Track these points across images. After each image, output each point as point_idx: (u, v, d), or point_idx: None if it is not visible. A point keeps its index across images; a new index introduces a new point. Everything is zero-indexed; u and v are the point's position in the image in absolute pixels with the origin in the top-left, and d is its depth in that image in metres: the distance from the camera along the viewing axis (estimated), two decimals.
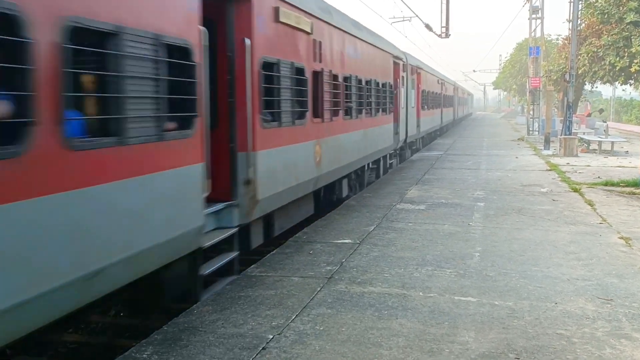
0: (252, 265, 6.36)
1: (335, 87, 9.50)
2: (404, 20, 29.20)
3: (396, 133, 16.23)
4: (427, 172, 14.96)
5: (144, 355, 4.11)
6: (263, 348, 4.19)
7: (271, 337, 4.39)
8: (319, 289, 5.52)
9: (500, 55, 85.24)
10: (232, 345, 4.25)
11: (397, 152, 17.90)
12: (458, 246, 7.13)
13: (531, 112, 32.65)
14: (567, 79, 21.05)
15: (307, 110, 8.04)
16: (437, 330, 4.50)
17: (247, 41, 6.20)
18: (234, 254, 6.09)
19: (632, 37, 25.10)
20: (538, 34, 32.83)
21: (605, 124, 26.79)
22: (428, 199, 10.70)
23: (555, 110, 31.78)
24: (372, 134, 12.48)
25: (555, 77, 31.24)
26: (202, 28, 5.30)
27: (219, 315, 4.85)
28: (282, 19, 7.03)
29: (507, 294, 5.34)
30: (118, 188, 4.10)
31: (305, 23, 7.83)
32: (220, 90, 6.21)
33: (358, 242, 7.36)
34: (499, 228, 8.16)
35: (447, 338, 4.36)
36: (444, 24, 23.94)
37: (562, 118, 22.81)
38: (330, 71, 9.18)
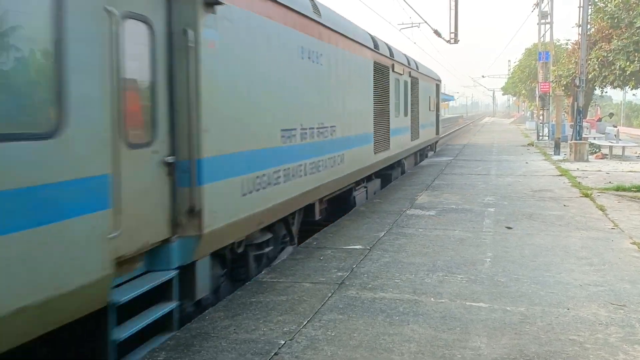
0: (263, 272, 6.39)
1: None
2: (412, 27, 29.23)
3: (437, 133, 22.52)
4: (437, 177, 14.94)
5: None
6: (275, 354, 4.21)
7: (283, 342, 4.40)
8: (330, 294, 5.53)
9: (509, 60, 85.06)
10: (244, 350, 4.27)
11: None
12: (469, 252, 7.12)
13: (541, 117, 32.53)
14: (577, 83, 20.98)
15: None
16: (449, 336, 4.50)
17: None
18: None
19: None
20: (547, 39, 32.76)
21: (616, 128, 26.63)
22: (438, 204, 10.69)
23: (565, 115, 31.64)
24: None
25: (565, 82, 31.15)
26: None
27: (230, 321, 4.87)
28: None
29: (519, 300, 5.33)
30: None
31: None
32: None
33: (369, 248, 7.37)
34: (510, 234, 8.14)
35: (459, 344, 4.35)
36: (452, 30, 23.94)
37: (572, 123, 22.71)
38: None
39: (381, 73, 12.11)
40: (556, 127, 23.77)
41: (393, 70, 13.32)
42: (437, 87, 22.79)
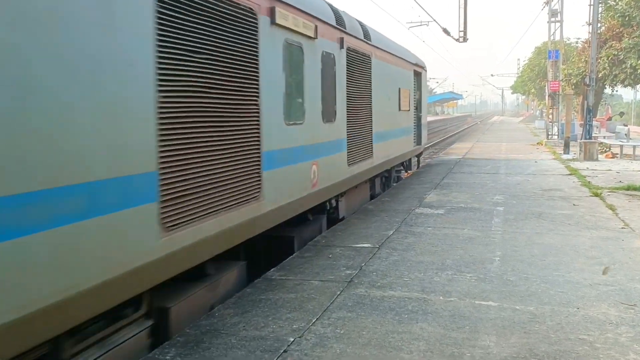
0: (272, 269, 6.41)
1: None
2: (421, 25, 29.17)
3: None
4: (445, 176, 14.91)
5: (167, 357, 4.16)
6: (284, 351, 4.22)
7: (292, 340, 4.42)
8: (339, 292, 5.54)
9: (519, 59, 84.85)
10: (254, 347, 4.29)
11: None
12: (478, 250, 7.11)
13: (550, 116, 32.36)
14: (587, 82, 20.87)
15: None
16: (458, 335, 4.50)
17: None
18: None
19: None
20: (557, 38, 32.57)
21: (626, 127, 26.45)
22: (447, 203, 10.67)
23: (575, 114, 31.45)
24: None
25: (575, 81, 31.02)
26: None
27: (240, 318, 4.90)
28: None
29: (528, 299, 5.31)
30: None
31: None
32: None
33: (377, 246, 7.38)
34: (519, 233, 8.11)
35: (468, 342, 4.35)
36: (461, 28, 23.85)
37: (582, 122, 22.59)
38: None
39: (216, 22, 5.10)
40: (566, 126, 23.65)
41: (274, 23, 6.25)
42: (419, 76, 15.93)
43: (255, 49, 5.80)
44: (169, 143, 4.39)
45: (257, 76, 5.82)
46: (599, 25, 24.37)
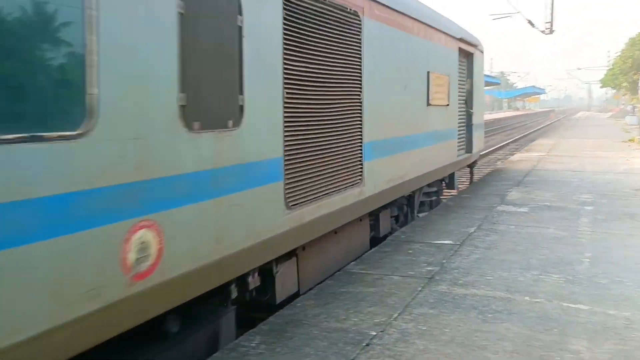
0: (352, 262, 6.44)
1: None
2: (505, 17, 28.24)
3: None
4: (527, 173, 14.38)
5: (253, 344, 4.28)
6: (367, 344, 4.23)
7: (374, 334, 4.42)
8: (419, 288, 5.49)
9: (609, 51, 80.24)
10: (336, 339, 4.33)
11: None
12: (565, 251, 6.82)
13: None
14: None
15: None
16: (546, 337, 4.34)
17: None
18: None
19: None
20: None
21: None
22: (530, 201, 10.29)
23: None
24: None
25: None
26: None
27: (321, 310, 4.95)
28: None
29: (622, 304, 5.04)
30: None
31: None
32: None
33: (458, 243, 7.23)
34: (610, 234, 7.70)
35: (557, 345, 4.19)
36: (548, 20, 22.86)
37: None
38: None
39: None
40: None
41: None
42: (470, 57, 11.94)
43: None
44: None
45: None
46: None
